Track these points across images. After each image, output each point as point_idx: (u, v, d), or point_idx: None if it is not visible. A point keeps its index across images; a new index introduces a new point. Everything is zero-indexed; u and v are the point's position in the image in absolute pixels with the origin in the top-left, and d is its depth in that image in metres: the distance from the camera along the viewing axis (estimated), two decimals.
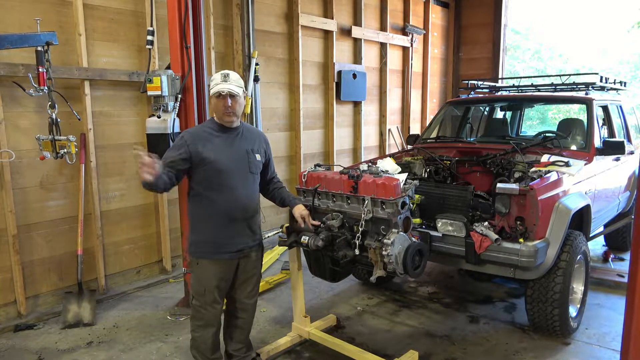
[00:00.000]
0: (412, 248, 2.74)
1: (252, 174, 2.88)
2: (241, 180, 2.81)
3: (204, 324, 2.89)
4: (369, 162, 4.22)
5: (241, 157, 2.82)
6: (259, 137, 3.00)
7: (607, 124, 4.90)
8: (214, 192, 2.75)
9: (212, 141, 2.76)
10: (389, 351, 3.53)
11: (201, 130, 2.81)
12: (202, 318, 2.88)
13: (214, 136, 2.78)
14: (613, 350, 3.53)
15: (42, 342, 3.73)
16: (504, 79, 7.87)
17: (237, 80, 2.78)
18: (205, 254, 2.81)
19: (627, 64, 16.24)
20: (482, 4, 9.33)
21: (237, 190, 2.79)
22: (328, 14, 6.79)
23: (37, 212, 4.17)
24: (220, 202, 2.76)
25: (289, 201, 3.12)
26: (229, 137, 2.82)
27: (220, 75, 2.74)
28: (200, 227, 2.83)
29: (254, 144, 2.92)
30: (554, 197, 3.42)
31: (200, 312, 2.87)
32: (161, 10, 4.51)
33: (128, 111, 4.75)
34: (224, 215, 2.77)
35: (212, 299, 2.84)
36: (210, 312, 2.86)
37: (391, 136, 8.35)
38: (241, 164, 2.82)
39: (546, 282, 3.44)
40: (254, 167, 2.88)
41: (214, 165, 2.72)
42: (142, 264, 5.00)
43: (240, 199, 2.81)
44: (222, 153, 2.75)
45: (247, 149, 2.86)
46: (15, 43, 3.50)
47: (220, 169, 2.74)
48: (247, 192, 2.85)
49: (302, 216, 3.06)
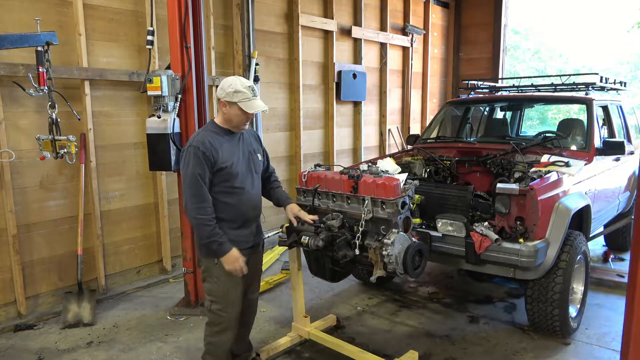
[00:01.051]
0: (412, 248, 2.74)
1: (257, 174, 2.94)
2: (250, 180, 2.86)
3: (223, 329, 2.84)
4: (369, 162, 4.21)
5: (247, 159, 2.86)
6: (253, 135, 3.03)
7: (607, 124, 4.90)
8: (229, 196, 2.75)
9: (223, 146, 2.75)
10: (389, 351, 3.53)
11: (210, 137, 2.73)
12: (221, 322, 2.83)
13: (222, 141, 2.77)
14: (613, 350, 3.53)
15: (42, 342, 3.73)
16: (504, 79, 7.87)
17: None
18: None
19: (627, 64, 16.25)
20: (482, 4, 9.33)
21: (248, 191, 2.83)
22: (328, 14, 6.79)
23: (37, 212, 4.17)
24: (236, 205, 2.78)
25: (282, 201, 3.14)
26: (234, 140, 2.83)
27: (249, 90, 2.71)
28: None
29: (253, 144, 2.95)
30: (554, 197, 3.42)
31: (221, 316, 2.82)
32: (161, 10, 4.51)
33: (128, 111, 4.75)
34: (240, 216, 2.81)
35: (234, 298, 2.82)
36: (231, 315, 2.84)
37: (391, 136, 8.35)
38: (248, 165, 2.86)
39: (546, 282, 3.44)
40: (257, 167, 2.94)
41: (229, 170, 2.73)
42: (142, 264, 5.00)
43: (252, 199, 2.87)
44: (234, 157, 2.77)
45: (250, 150, 2.90)
46: (15, 43, 3.50)
47: (236, 173, 2.75)
48: (256, 192, 2.93)
49: (294, 214, 3.09)
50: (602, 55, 16.93)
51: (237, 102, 2.69)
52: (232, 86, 2.69)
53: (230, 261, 2.67)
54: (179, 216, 4.41)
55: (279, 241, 3.34)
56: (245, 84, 2.72)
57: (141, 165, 4.84)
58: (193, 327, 3.98)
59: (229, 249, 2.67)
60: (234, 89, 2.69)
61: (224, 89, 2.71)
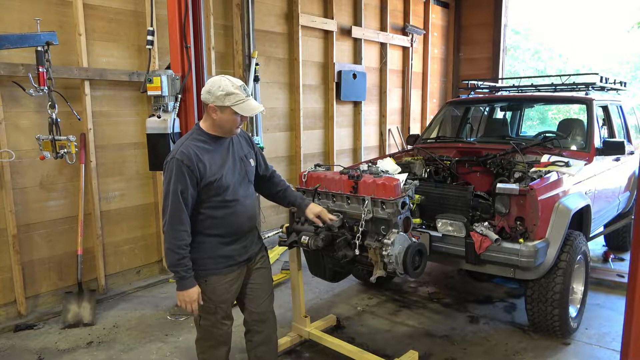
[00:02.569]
0: (412, 248, 2.74)
1: (249, 182, 2.66)
2: (243, 190, 2.57)
3: (215, 344, 2.67)
4: (369, 162, 4.22)
5: (239, 167, 2.57)
6: (243, 137, 2.72)
7: (607, 124, 4.90)
8: (220, 210, 2.48)
9: (211, 157, 2.45)
10: (389, 351, 3.53)
11: (195, 147, 2.42)
12: (213, 338, 2.65)
13: (210, 150, 2.46)
14: (613, 351, 3.53)
15: (42, 342, 3.73)
16: (504, 79, 7.86)
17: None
18: (214, 270, 2.53)
19: (627, 64, 16.24)
20: (482, 4, 9.32)
21: (242, 202, 2.55)
22: (328, 14, 6.79)
23: (37, 212, 4.17)
24: (227, 219, 2.50)
25: (298, 202, 2.89)
26: (222, 147, 2.53)
27: (241, 90, 2.41)
28: (205, 246, 2.51)
29: (243, 148, 2.66)
30: (554, 197, 3.42)
31: (211, 332, 2.63)
32: (161, 10, 4.51)
33: (128, 111, 4.74)
34: (234, 231, 2.54)
35: (223, 315, 2.61)
36: (222, 330, 2.64)
37: (391, 136, 8.35)
38: (240, 173, 2.57)
39: (546, 282, 3.44)
40: (250, 174, 2.66)
41: (219, 183, 2.44)
42: (142, 264, 5.00)
43: (247, 210, 2.59)
44: (223, 168, 2.48)
45: (241, 156, 2.61)
46: (15, 43, 3.51)
47: (227, 185, 2.47)
48: (250, 202, 2.63)
49: (316, 215, 2.85)
50: (602, 55, 16.93)
51: (229, 105, 2.38)
52: (221, 88, 2.37)
53: (183, 298, 2.43)
54: None
55: (279, 241, 3.34)
56: (236, 84, 2.42)
57: (141, 165, 4.84)
58: (193, 327, 3.94)
59: (190, 285, 2.41)
60: (225, 91, 2.37)
61: (211, 92, 2.39)
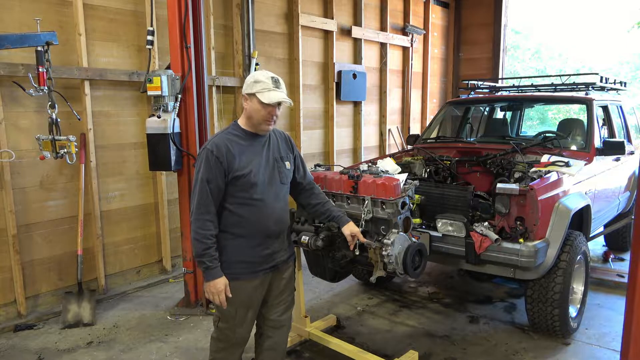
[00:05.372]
0: (412, 248, 2.74)
1: (283, 184, 2.58)
2: (273, 192, 2.51)
3: (229, 345, 2.62)
4: (369, 162, 4.22)
5: (272, 167, 2.52)
6: (283, 139, 2.67)
7: (607, 124, 4.90)
8: (246, 208, 2.43)
9: (243, 151, 2.43)
10: (389, 351, 3.53)
11: (227, 140, 2.42)
12: (228, 340, 2.60)
13: (243, 145, 2.45)
14: (613, 351, 3.53)
15: (42, 342, 3.73)
16: (504, 79, 7.87)
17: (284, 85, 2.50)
18: (239, 274, 2.48)
19: (627, 64, 16.25)
20: (482, 4, 9.33)
21: (269, 203, 2.48)
22: (328, 14, 6.79)
23: (37, 212, 4.17)
24: (254, 219, 2.45)
25: (338, 219, 2.76)
26: (257, 144, 2.50)
27: (270, 80, 2.39)
28: (230, 247, 2.47)
29: (281, 150, 2.60)
30: (554, 197, 3.42)
31: (227, 335, 2.58)
32: (161, 10, 4.51)
33: (128, 111, 4.74)
34: (259, 232, 2.48)
35: (243, 320, 2.55)
36: (239, 334, 2.58)
37: (391, 136, 8.35)
38: (272, 174, 2.51)
39: (546, 282, 3.44)
40: (284, 177, 2.58)
41: (247, 178, 2.40)
42: (142, 264, 5.00)
43: (275, 212, 2.52)
44: (253, 164, 2.44)
45: (276, 157, 2.56)
46: (15, 43, 3.50)
47: (255, 182, 2.42)
48: (281, 205, 2.56)
49: (353, 235, 2.72)
50: (602, 55, 16.94)
51: (255, 92, 2.37)
52: (254, 77, 2.41)
53: (210, 290, 2.39)
54: (179, 216, 4.41)
55: None
56: (268, 75, 2.41)
57: (141, 165, 4.84)
58: (193, 327, 3.98)
59: (216, 276, 2.38)
60: (255, 78, 2.39)
61: (246, 81, 2.44)
